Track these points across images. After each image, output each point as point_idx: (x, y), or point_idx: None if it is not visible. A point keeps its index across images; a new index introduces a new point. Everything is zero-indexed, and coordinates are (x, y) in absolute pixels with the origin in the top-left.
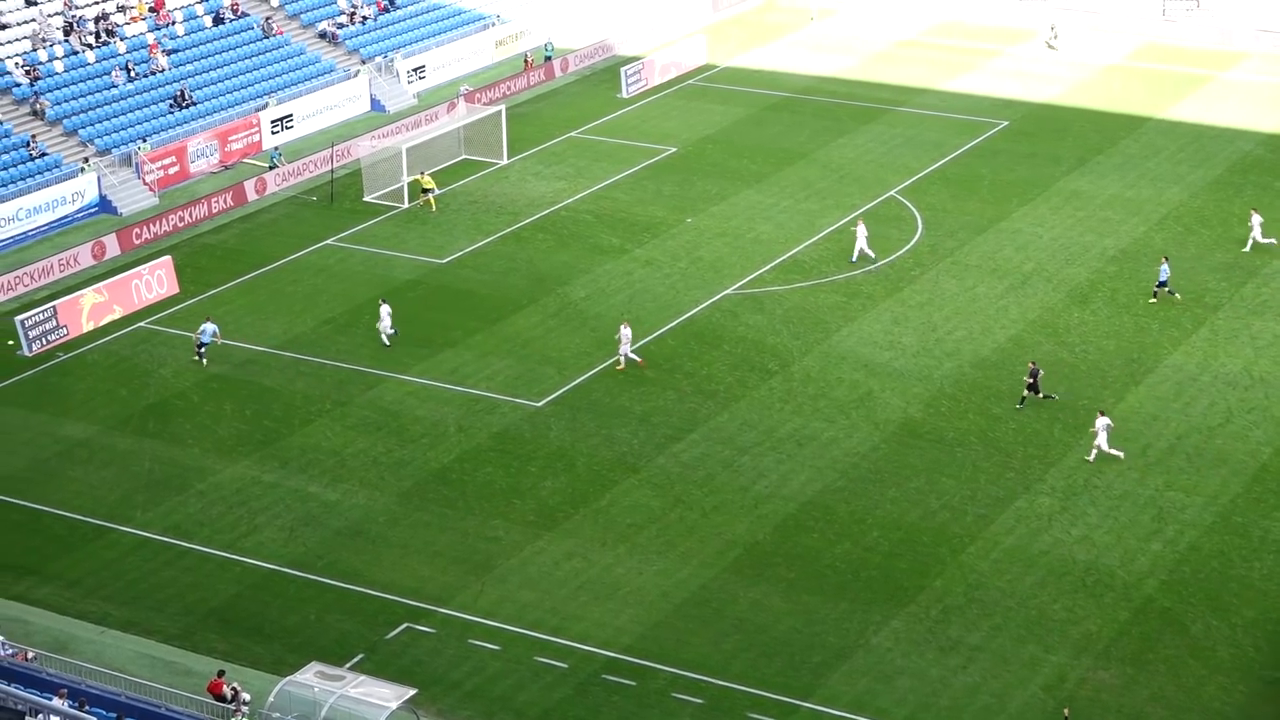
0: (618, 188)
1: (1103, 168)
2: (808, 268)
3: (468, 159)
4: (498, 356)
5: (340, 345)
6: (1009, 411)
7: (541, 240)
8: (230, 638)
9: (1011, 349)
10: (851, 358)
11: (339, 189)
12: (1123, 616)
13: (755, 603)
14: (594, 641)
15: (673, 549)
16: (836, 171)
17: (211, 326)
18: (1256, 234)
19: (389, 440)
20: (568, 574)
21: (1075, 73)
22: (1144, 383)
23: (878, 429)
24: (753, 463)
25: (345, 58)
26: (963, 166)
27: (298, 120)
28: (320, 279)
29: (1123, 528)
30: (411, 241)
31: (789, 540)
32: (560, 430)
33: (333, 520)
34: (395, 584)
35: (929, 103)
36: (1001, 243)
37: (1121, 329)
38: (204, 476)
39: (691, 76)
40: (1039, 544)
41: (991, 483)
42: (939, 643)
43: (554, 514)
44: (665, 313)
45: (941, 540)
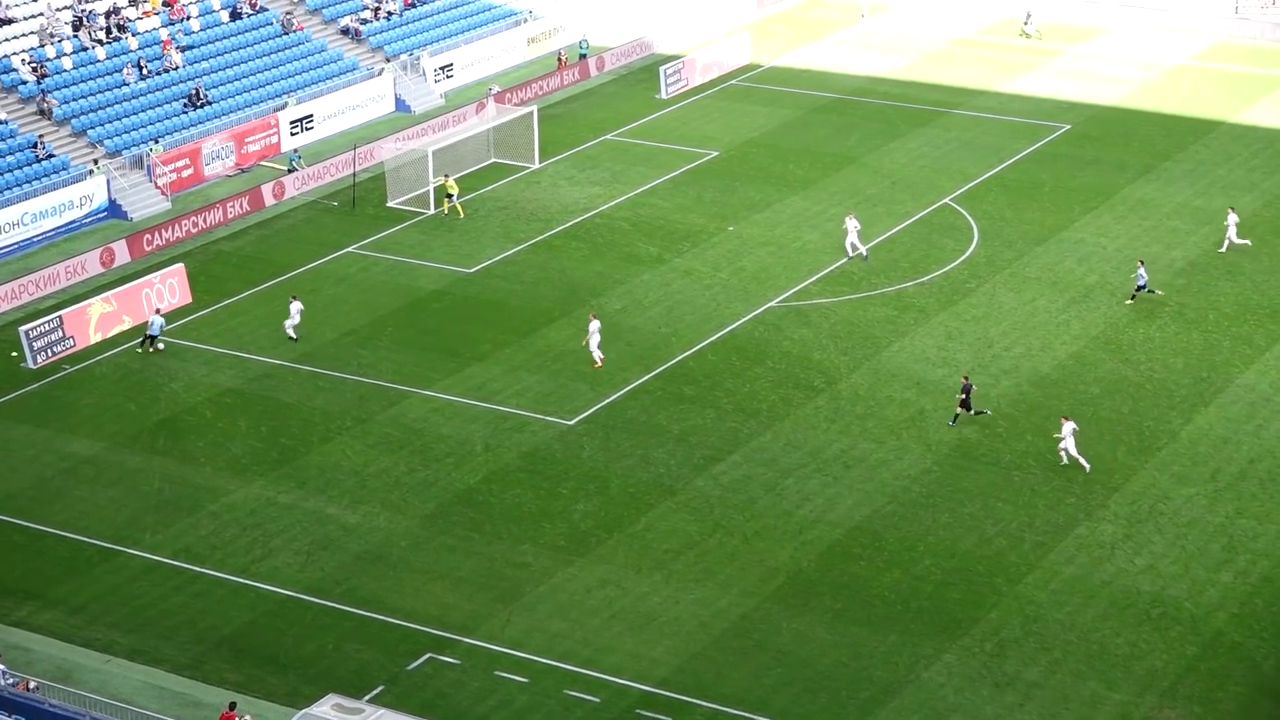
0: (656, 194)
1: (1171, 174)
2: (856, 279)
3: (497, 162)
4: (528, 371)
5: (362, 359)
6: None
7: (575, 249)
8: (243, 668)
9: (1073, 366)
10: (903, 375)
11: (361, 194)
12: (1190, 652)
13: (799, 634)
14: (628, 674)
15: (711, 577)
16: (888, 177)
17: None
18: (1232, 234)
19: (412, 460)
20: (600, 603)
21: (1142, 73)
22: (1214, 403)
23: (930, 450)
24: (797, 486)
25: (369, 55)
26: (1022, 172)
27: (318, 121)
28: (341, 288)
29: (1190, 557)
30: (437, 249)
31: (835, 568)
32: (593, 450)
33: (352, 544)
34: (417, 612)
35: (986, 105)
36: (1063, 254)
37: (1190, 346)
38: (217, 497)
39: (734, 76)
40: (1101, 574)
41: (1051, 508)
42: (994, 678)
43: (586, 539)
44: (705, 326)
45: (997, 569)
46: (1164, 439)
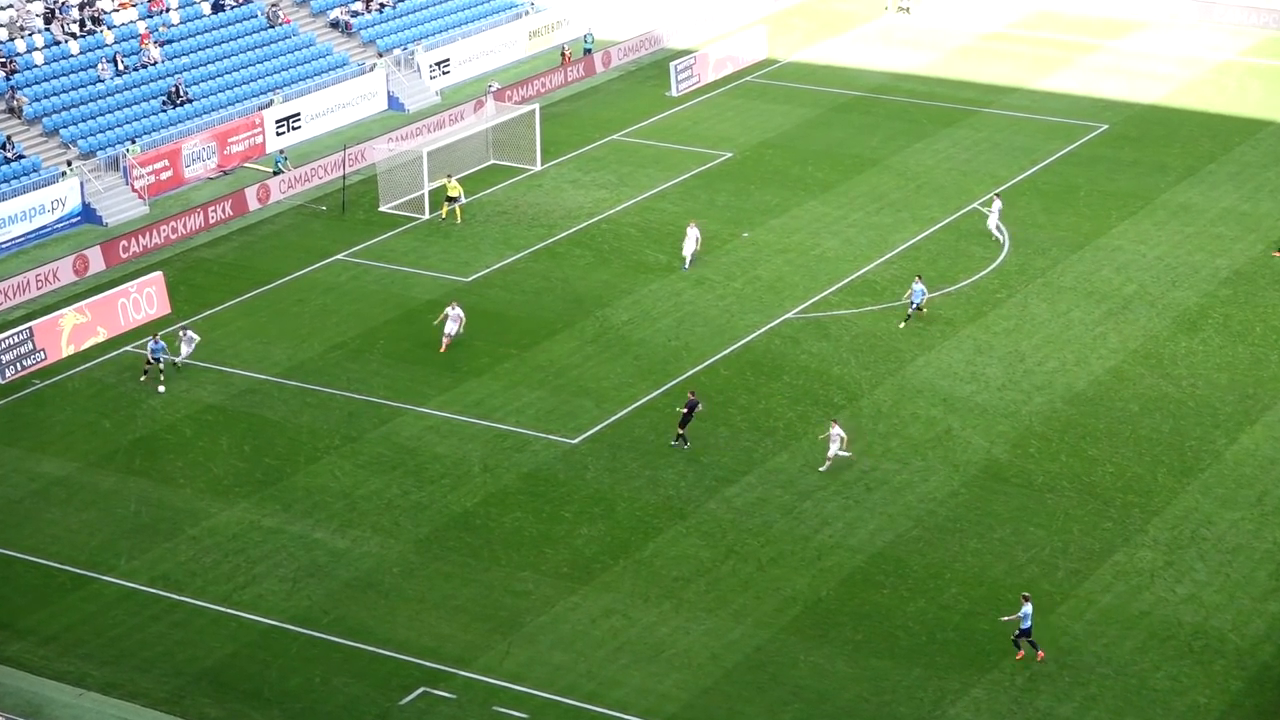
0: (665, 198)
1: (1215, 178)
2: (879, 289)
3: (496, 164)
4: (529, 387)
5: (352, 373)
6: (1106, 453)
7: (579, 256)
8: (225, 702)
9: (1110, 382)
10: (928, 391)
11: (351, 197)
12: (1235, 687)
13: (817, 667)
14: (635, 710)
15: (724, 606)
16: (913, 180)
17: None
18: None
19: (405, 481)
20: (605, 633)
21: (1184, 70)
22: (1261, 421)
23: (957, 472)
24: (815, 509)
25: (360, 50)
26: (1056, 175)
27: (306, 120)
28: (329, 298)
29: (1235, 586)
30: (433, 257)
31: (856, 597)
32: (598, 471)
33: (341, 571)
34: (411, 643)
35: (1018, 103)
36: (1099, 262)
37: (1235, 360)
38: (197, 520)
39: (750, 73)
40: (1140, 604)
41: (1086, 534)
42: (1025, 715)
43: (590, 565)
44: (718, 339)
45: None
46: (1207, 459)
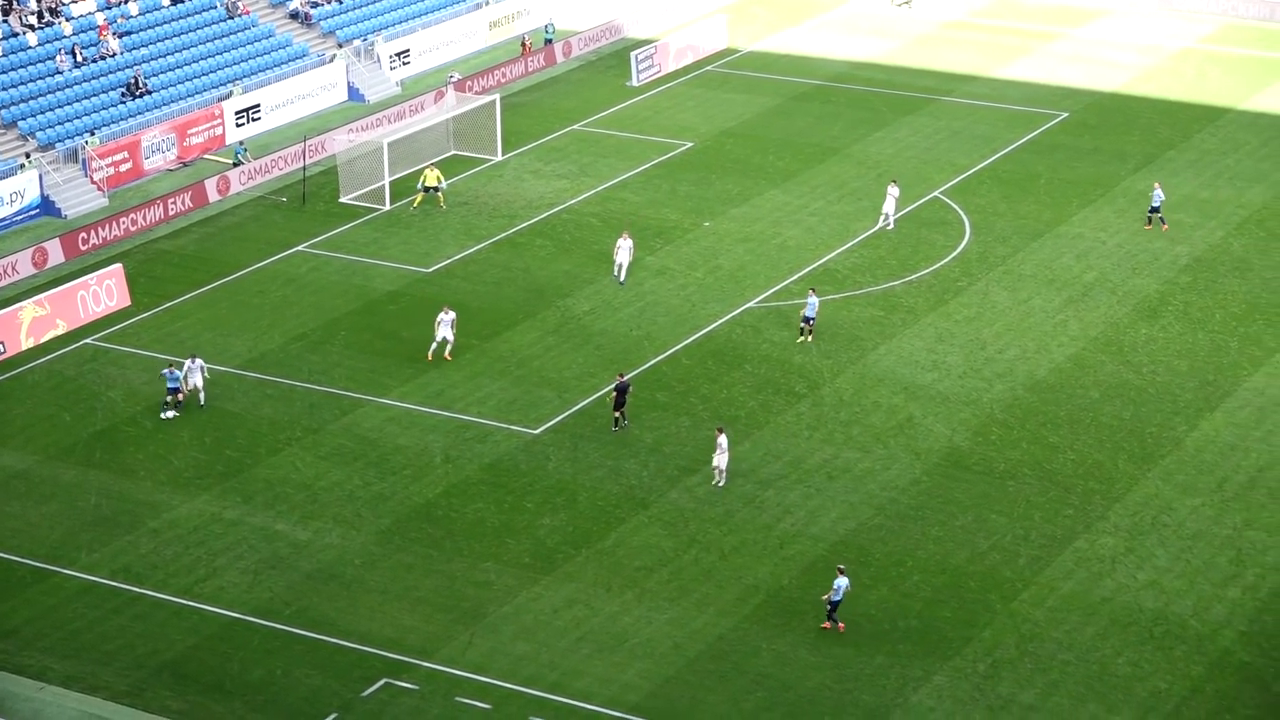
0: (627, 187)
1: (1175, 165)
2: (841, 278)
3: (458, 154)
4: (490, 378)
5: (312, 364)
6: (1067, 440)
7: (540, 246)
8: (186, 695)
9: (1071, 369)
10: (890, 379)
11: (312, 189)
12: (1196, 672)
13: (780, 656)
14: (598, 699)
15: (687, 595)
16: (874, 169)
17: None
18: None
19: (367, 472)
20: (568, 623)
21: (1144, 58)
22: (1220, 407)
23: (919, 460)
24: (777, 498)
25: (320, 41)
26: (1016, 163)
27: (266, 111)
28: (290, 290)
29: (1196, 572)
30: (393, 248)
31: (818, 585)
32: (560, 461)
33: (303, 562)
34: (373, 634)
35: (979, 92)
36: (1060, 250)
37: (1195, 347)
38: (158, 513)
39: (710, 62)
40: (1101, 590)
41: (1047, 521)
42: (988, 701)
43: (552, 555)
44: (680, 328)
45: (990, 586)
46: (1168, 446)
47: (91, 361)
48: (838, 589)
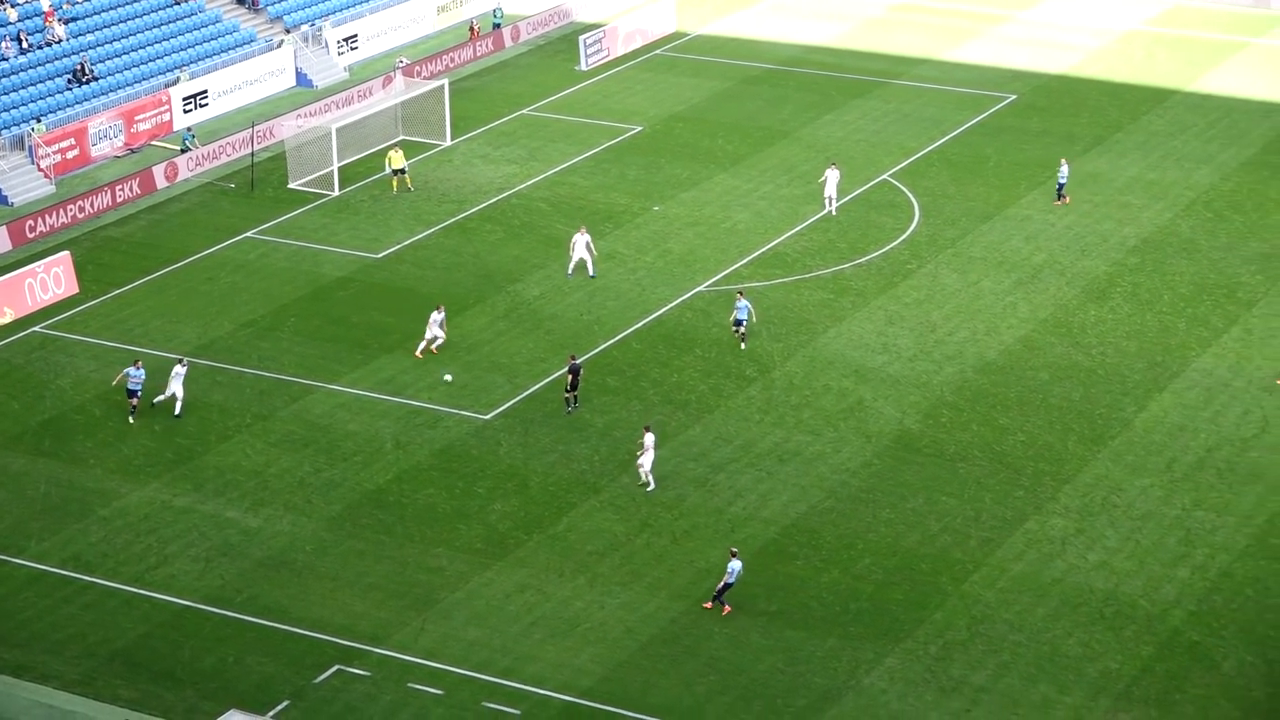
0: (576, 172)
1: (1123, 147)
2: (790, 261)
3: (406, 140)
4: (440, 364)
5: (262, 351)
6: (1017, 422)
7: (490, 232)
8: (138, 683)
9: (1021, 351)
10: (840, 362)
11: (260, 175)
12: (1146, 652)
13: (732, 639)
14: (550, 684)
15: (639, 579)
16: (823, 152)
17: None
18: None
19: (317, 459)
20: (520, 608)
21: (1092, 40)
22: (1169, 388)
23: (869, 442)
24: (728, 481)
25: (267, 26)
26: (965, 146)
27: (213, 97)
28: (239, 276)
29: (1146, 552)
30: (342, 234)
31: (769, 569)
32: (511, 446)
33: (254, 550)
34: (324, 621)
35: (928, 75)
36: (1009, 232)
37: (1144, 328)
38: (107, 501)
39: (659, 46)
40: (1051, 571)
41: (998, 502)
42: (939, 683)
43: (504, 541)
44: (630, 313)
45: (942, 567)
46: (1117, 427)
47: (40, 350)
48: (731, 571)
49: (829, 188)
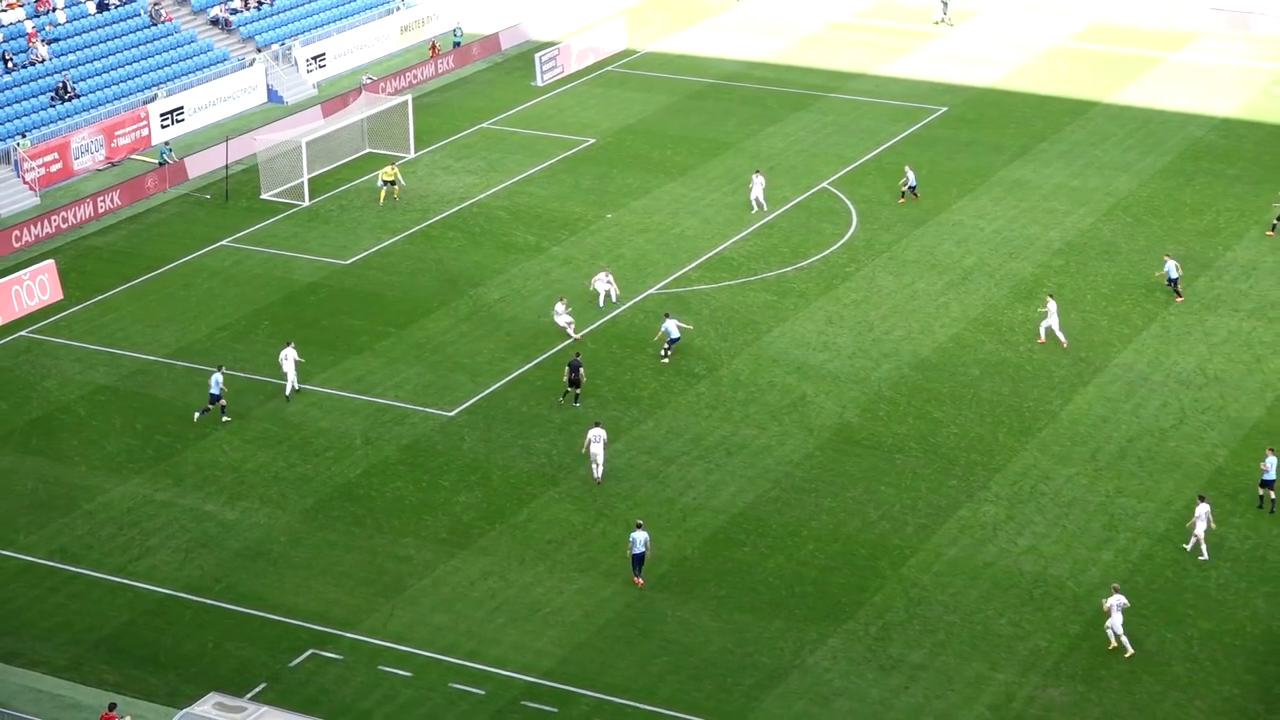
0: (533, 182)
1: (1047, 156)
2: (736, 265)
3: (372, 152)
4: (406, 363)
5: (237, 353)
6: (950, 415)
7: (452, 239)
8: (122, 668)
9: (953, 349)
10: (783, 360)
11: (234, 186)
12: (1073, 630)
13: (684, 622)
14: (513, 666)
15: (595, 566)
16: (766, 162)
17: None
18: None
19: (290, 454)
20: (483, 594)
21: (1017, 55)
22: (1093, 383)
23: (812, 435)
24: (679, 473)
25: (239, 46)
26: (899, 155)
27: (189, 113)
28: (215, 282)
29: (1072, 537)
30: (312, 241)
31: (719, 555)
32: (474, 441)
33: (231, 541)
34: (299, 608)
35: (863, 88)
36: (941, 236)
37: (1068, 326)
38: (92, 496)
39: (611, 63)
40: (983, 555)
41: (933, 491)
42: (879, 661)
43: (468, 531)
44: (585, 314)
45: (880, 553)
46: (1044, 419)
47: (26, 353)
48: (633, 542)
49: (755, 191)
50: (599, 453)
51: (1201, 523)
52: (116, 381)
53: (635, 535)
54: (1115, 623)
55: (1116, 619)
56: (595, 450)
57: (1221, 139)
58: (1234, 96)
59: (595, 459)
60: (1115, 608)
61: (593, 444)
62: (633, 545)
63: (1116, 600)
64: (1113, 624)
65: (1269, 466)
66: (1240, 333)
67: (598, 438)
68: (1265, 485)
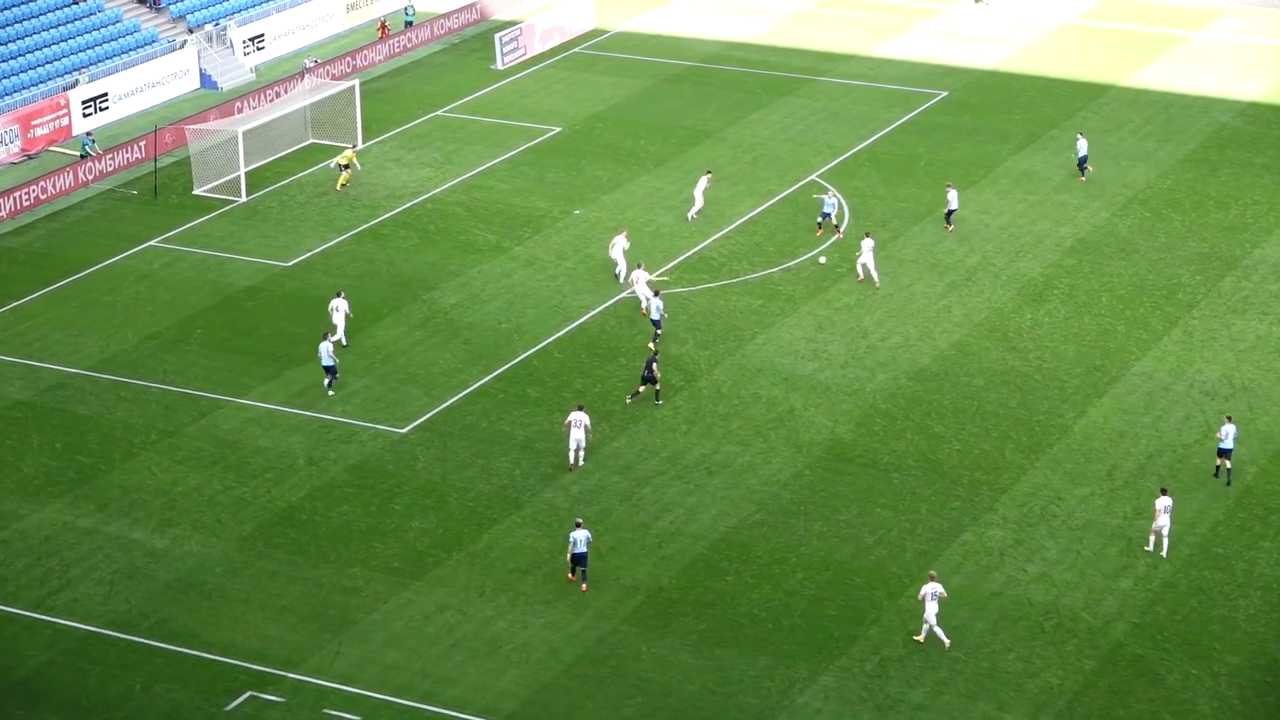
0: (493, 175)
1: (1057, 144)
2: (717, 265)
3: (316, 143)
4: (354, 375)
5: (168, 365)
6: (953, 430)
7: (404, 238)
8: (40, 713)
9: (955, 357)
10: (769, 370)
11: (163, 181)
12: (1088, 667)
13: (660, 659)
14: (472, 708)
15: (562, 598)
16: (749, 153)
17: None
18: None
19: (227, 476)
20: (440, 629)
21: (1024, 34)
22: (1109, 393)
23: (800, 453)
24: (655, 495)
25: (169, 26)
26: (895, 145)
27: (114, 100)
28: (143, 287)
29: (1086, 563)
30: (250, 241)
31: (699, 585)
32: (429, 461)
33: (161, 572)
34: (236, 645)
35: (855, 71)
36: (941, 233)
37: (1082, 331)
38: (7, 523)
39: (578, 44)
40: (990, 584)
41: (934, 514)
42: (876, 701)
43: (423, 559)
44: (550, 320)
45: (877, 582)
46: (1055, 434)
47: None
48: (574, 541)
49: (698, 190)
50: (580, 437)
51: (1163, 518)
52: (33, 397)
53: (576, 534)
54: (930, 613)
55: (931, 609)
56: (576, 435)
57: (1248, 125)
58: (1262, 78)
59: (577, 443)
60: (930, 596)
61: (573, 427)
62: (573, 545)
63: (932, 589)
64: (927, 615)
65: (1225, 435)
66: (1270, 338)
67: (579, 421)
68: (1222, 454)
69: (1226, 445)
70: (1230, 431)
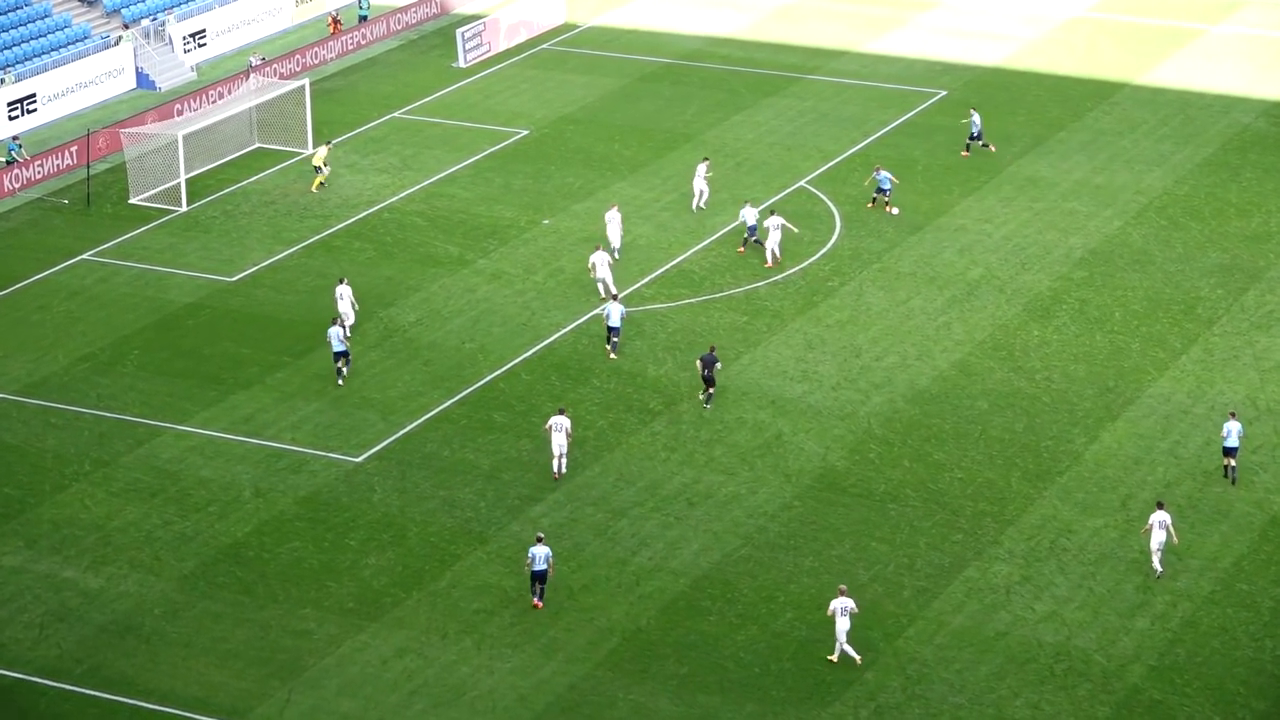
0: (455, 182)
1: (1066, 148)
2: (698, 279)
3: (262, 148)
4: (305, 399)
5: (102, 389)
6: (954, 457)
7: (359, 250)
8: None
9: (957, 378)
10: (755, 392)
11: (97, 189)
12: (1102, 713)
13: (638, 706)
14: None
15: (532, 640)
16: (732, 157)
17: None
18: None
19: (166, 509)
20: (399, 675)
21: (1029, 29)
22: (1123, 416)
23: (789, 482)
24: (632, 528)
25: (103, 21)
26: (891, 148)
27: (43, 102)
28: (75, 304)
29: (1100, 601)
30: (191, 255)
31: (679, 626)
32: (386, 492)
33: (95, 614)
34: (176, 693)
35: (847, 69)
36: (941, 244)
37: (1094, 350)
38: None
39: (547, 39)
40: (995, 624)
41: (934, 547)
42: None
43: (380, 599)
44: (518, 339)
45: (872, 622)
46: (1066, 461)
47: None
48: (533, 557)
49: (698, 182)
50: (563, 443)
51: (1159, 533)
52: None
53: (535, 550)
54: (840, 630)
55: (842, 625)
56: (558, 440)
57: (1272, 127)
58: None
59: (560, 449)
60: (840, 612)
61: (554, 431)
62: (532, 561)
63: (841, 604)
64: (838, 630)
65: (1228, 432)
66: None
67: (559, 425)
68: (1228, 453)
69: (1231, 443)
70: (1234, 429)
